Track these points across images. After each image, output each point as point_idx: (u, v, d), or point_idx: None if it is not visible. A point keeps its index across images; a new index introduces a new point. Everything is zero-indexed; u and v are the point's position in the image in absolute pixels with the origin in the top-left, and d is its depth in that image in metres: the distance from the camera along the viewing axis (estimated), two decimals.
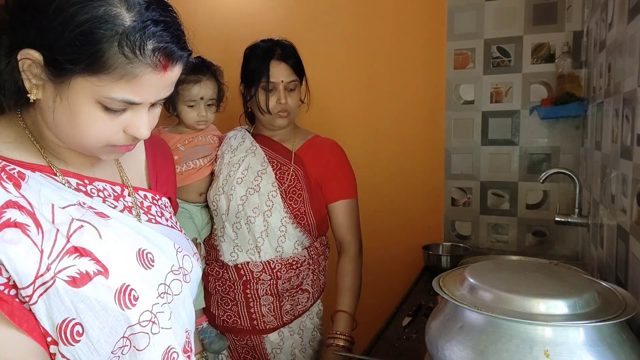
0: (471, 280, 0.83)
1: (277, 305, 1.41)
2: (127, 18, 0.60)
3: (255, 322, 1.40)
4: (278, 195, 1.37)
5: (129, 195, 0.78)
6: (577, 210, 1.48)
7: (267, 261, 1.37)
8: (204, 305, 1.42)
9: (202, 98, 1.35)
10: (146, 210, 0.80)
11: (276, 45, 1.37)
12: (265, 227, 1.36)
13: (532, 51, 1.89)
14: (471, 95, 2.00)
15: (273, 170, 1.39)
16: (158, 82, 0.65)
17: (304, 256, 1.42)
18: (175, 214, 0.93)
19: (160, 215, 0.82)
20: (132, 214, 0.76)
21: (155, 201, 0.83)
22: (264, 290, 1.39)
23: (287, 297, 1.42)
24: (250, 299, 1.39)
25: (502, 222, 2.02)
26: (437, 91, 2.06)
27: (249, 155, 1.41)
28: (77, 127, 0.64)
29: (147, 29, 0.61)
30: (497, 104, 1.97)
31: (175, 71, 0.67)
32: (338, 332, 1.36)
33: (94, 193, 0.72)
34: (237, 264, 1.38)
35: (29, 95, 0.62)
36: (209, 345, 1.36)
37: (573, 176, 1.47)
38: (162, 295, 0.71)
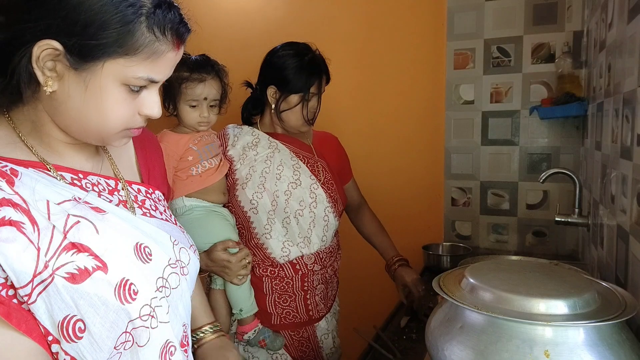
0: (471, 280, 0.83)
1: (325, 293, 1.49)
2: (147, 0, 0.63)
3: (311, 312, 1.45)
4: (319, 187, 1.43)
5: (123, 189, 0.78)
6: (577, 210, 1.48)
7: (317, 252, 1.43)
8: (257, 309, 1.38)
9: (205, 98, 1.28)
10: (140, 204, 0.79)
11: (320, 56, 1.44)
12: (312, 219, 1.42)
13: (532, 51, 1.89)
14: (471, 95, 2.00)
15: (304, 164, 1.45)
16: (173, 60, 0.69)
17: (335, 242, 1.53)
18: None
19: (154, 209, 0.82)
20: (126, 208, 0.76)
21: (149, 195, 0.83)
22: (318, 281, 1.45)
23: (330, 283, 1.51)
24: (308, 291, 1.43)
25: (502, 222, 2.02)
26: (437, 91, 2.06)
27: (275, 152, 1.42)
28: (103, 111, 0.66)
29: (165, 10, 0.65)
30: (497, 104, 1.97)
31: (182, 51, 0.71)
32: (396, 256, 1.60)
33: (88, 187, 0.71)
34: (291, 260, 1.40)
35: (45, 88, 0.62)
36: (272, 343, 1.36)
37: (573, 176, 1.46)
38: (160, 289, 0.71)
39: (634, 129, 0.92)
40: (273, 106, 1.41)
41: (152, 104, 0.70)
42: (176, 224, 0.85)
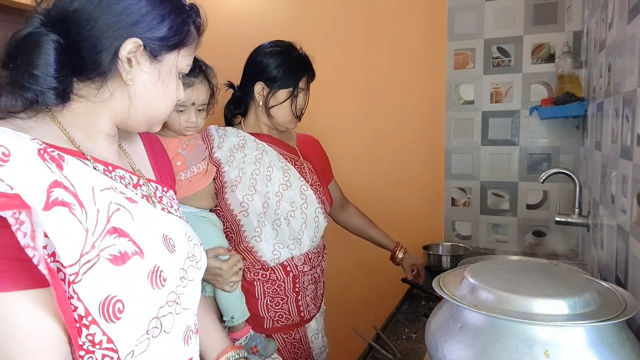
0: (471, 280, 0.83)
1: (315, 293, 1.50)
2: (188, 6, 0.79)
3: (302, 313, 1.45)
4: (309, 188, 1.44)
5: (144, 185, 0.82)
6: (577, 210, 1.48)
7: (306, 252, 1.44)
8: (248, 315, 1.36)
9: (193, 103, 1.24)
10: (159, 200, 0.83)
11: (304, 54, 1.45)
12: (303, 220, 1.42)
13: (532, 51, 1.89)
14: (471, 95, 2.00)
15: (292, 165, 1.45)
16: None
17: (322, 242, 1.54)
18: None
19: (170, 206, 0.86)
20: (149, 202, 0.79)
21: (164, 192, 0.87)
22: (308, 281, 1.46)
23: (318, 283, 1.52)
24: (300, 292, 1.44)
25: (502, 222, 2.02)
26: (437, 91, 2.06)
27: (263, 154, 1.42)
28: (168, 97, 0.79)
29: (198, 13, 0.81)
30: (497, 104, 1.97)
31: None
32: (396, 245, 1.71)
33: (117, 180, 0.75)
34: (282, 262, 1.40)
35: (127, 82, 0.72)
36: (264, 349, 1.34)
37: (573, 176, 1.47)
38: (182, 279, 0.75)
39: (634, 129, 0.92)
40: (260, 103, 1.41)
41: (181, 90, 0.84)
42: (187, 222, 0.88)
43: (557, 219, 1.49)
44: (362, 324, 1.44)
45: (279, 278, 1.40)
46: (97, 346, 0.62)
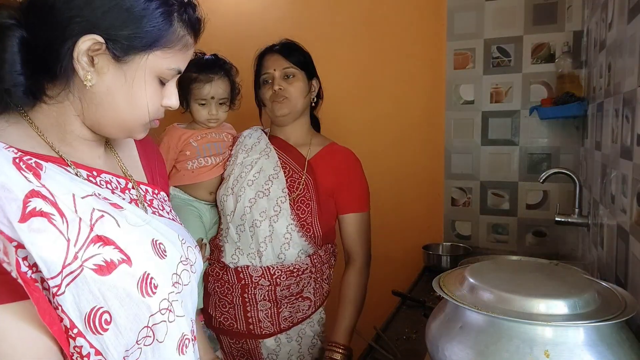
0: (471, 280, 0.83)
1: (274, 312, 1.37)
2: None
3: (251, 326, 1.38)
4: (287, 201, 1.34)
5: (133, 189, 0.79)
6: (577, 210, 1.48)
7: (267, 267, 1.34)
8: (202, 306, 1.41)
9: (213, 97, 1.35)
10: (149, 203, 0.81)
11: (275, 44, 1.43)
12: (270, 233, 1.34)
13: (532, 51, 1.89)
14: (471, 95, 2.01)
15: (285, 176, 1.37)
16: (192, 51, 0.75)
17: (307, 264, 1.38)
18: None
19: (162, 208, 0.83)
20: (138, 206, 0.77)
21: (155, 195, 0.84)
22: (262, 296, 1.36)
23: (285, 304, 1.38)
24: (248, 304, 1.37)
25: (502, 222, 2.02)
26: (437, 91, 2.06)
27: (262, 158, 1.40)
28: (139, 103, 0.70)
29: (190, 8, 0.71)
30: (497, 104, 1.97)
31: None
32: (335, 344, 1.35)
33: (102, 185, 0.73)
34: (237, 267, 1.37)
35: (85, 82, 0.66)
36: None
37: (573, 176, 1.46)
38: (175, 285, 0.72)
39: (634, 129, 0.92)
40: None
41: (171, 94, 0.75)
42: (181, 224, 0.86)
43: (557, 219, 1.48)
44: (362, 324, 1.44)
45: (229, 281, 1.38)
46: (85, 359, 0.61)
